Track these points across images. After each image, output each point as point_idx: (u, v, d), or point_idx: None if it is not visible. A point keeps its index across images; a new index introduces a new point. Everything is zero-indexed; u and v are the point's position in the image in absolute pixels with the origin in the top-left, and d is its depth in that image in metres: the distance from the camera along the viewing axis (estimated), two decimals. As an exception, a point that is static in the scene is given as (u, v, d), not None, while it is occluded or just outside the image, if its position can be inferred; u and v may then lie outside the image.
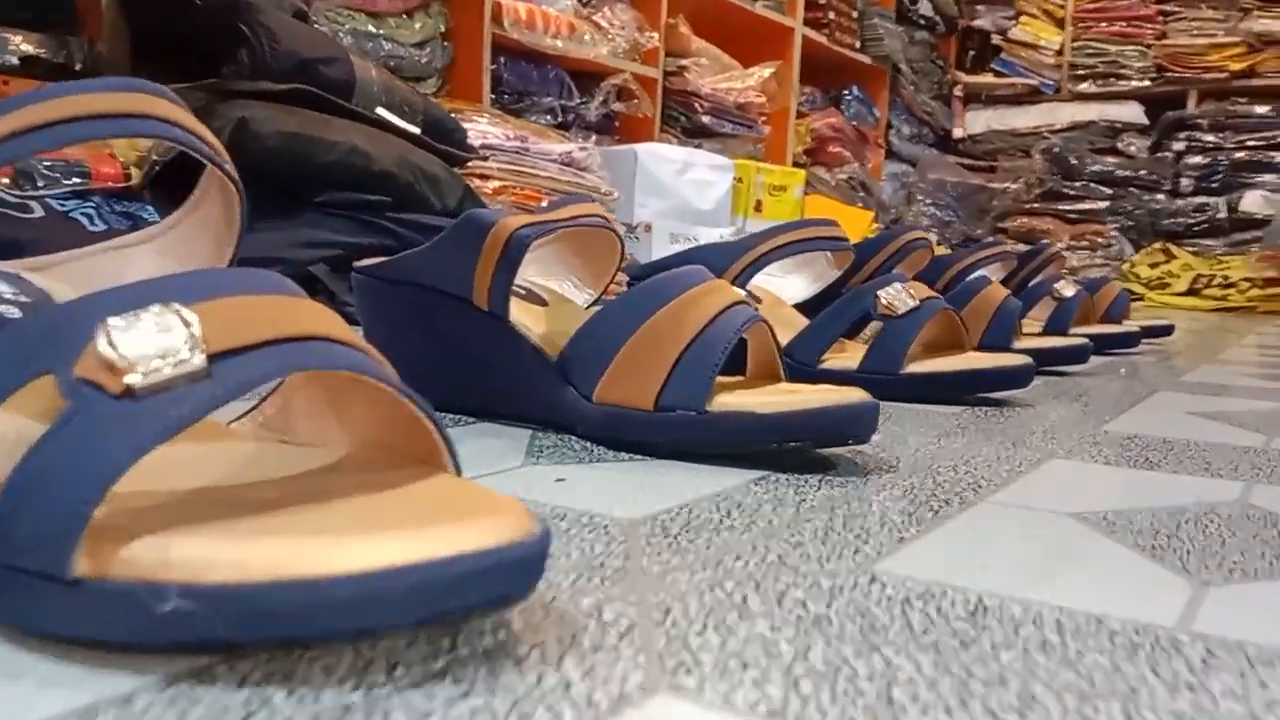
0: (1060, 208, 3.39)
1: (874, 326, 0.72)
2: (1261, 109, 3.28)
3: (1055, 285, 1.12)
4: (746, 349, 0.55)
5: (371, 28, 1.67)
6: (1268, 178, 3.18)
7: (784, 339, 0.73)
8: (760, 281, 0.79)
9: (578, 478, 0.47)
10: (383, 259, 0.59)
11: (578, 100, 2.13)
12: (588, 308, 0.63)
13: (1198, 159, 3.29)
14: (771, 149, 2.87)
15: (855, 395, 0.49)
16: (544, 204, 1.72)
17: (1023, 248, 1.39)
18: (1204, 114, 3.34)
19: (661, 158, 2.12)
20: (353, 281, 0.60)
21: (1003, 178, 3.57)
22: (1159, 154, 3.39)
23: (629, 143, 2.16)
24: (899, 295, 0.70)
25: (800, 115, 3.03)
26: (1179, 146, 3.34)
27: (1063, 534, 0.41)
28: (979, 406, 0.73)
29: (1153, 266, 3.10)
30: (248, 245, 0.42)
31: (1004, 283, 1.28)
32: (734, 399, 0.49)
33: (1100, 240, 3.28)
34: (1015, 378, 0.73)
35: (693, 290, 0.52)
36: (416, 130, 1.34)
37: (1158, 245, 3.16)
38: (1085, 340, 1.00)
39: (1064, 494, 0.48)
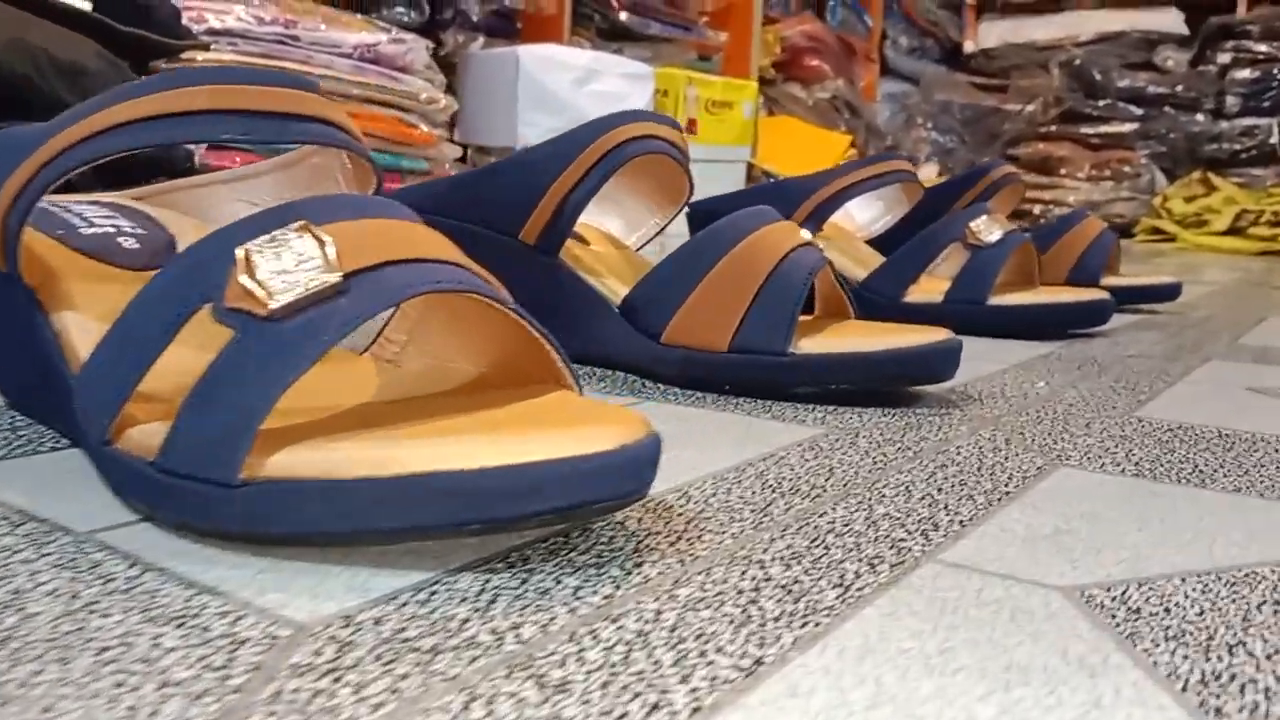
0: (1081, 131, 2.91)
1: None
2: (1325, 12, 2.76)
3: (970, 224, 0.69)
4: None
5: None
6: (1329, 95, 2.68)
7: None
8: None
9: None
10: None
11: (452, -9, 1.70)
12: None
13: (1246, 73, 2.79)
14: (731, 60, 2.42)
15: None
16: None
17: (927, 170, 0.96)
18: (1255, 19, 2.83)
19: (554, 62, 1.69)
20: None
21: (1016, 98, 3.08)
22: (1200, 68, 2.88)
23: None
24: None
25: (769, 21, 2.57)
26: (1224, 59, 2.83)
27: None
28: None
29: (1189, 200, 2.63)
30: None
31: (916, 220, 0.86)
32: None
33: (1127, 169, 2.80)
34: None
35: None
36: (85, 6, 0.94)
37: (1196, 175, 2.69)
38: (944, 339, 0.51)
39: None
